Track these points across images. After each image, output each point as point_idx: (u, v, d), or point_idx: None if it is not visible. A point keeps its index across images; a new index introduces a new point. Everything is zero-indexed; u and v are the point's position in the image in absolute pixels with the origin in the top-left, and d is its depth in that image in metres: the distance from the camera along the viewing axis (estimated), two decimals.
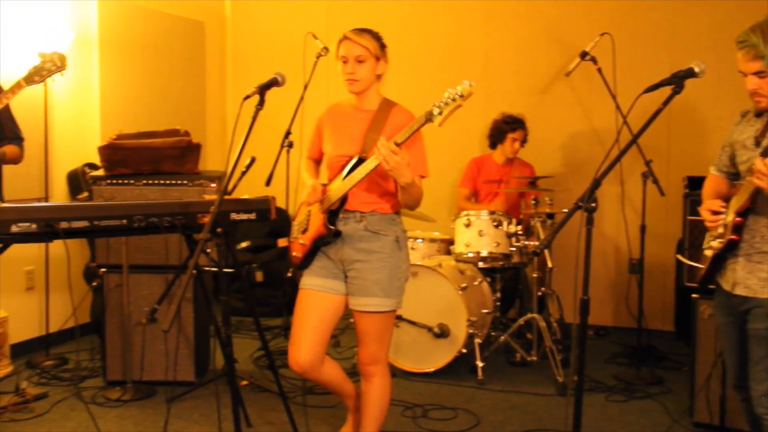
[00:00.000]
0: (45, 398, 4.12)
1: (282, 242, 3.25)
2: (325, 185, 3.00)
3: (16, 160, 3.67)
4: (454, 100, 2.64)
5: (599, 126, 5.59)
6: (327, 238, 2.93)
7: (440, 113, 2.66)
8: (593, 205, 2.42)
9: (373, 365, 2.99)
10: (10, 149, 3.60)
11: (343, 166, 2.92)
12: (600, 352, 5.06)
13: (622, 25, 5.38)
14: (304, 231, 3.05)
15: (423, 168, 2.92)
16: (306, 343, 3.00)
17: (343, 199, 2.90)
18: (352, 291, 2.94)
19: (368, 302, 2.90)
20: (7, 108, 3.55)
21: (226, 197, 2.94)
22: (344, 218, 2.93)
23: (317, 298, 3.01)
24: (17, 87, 3.36)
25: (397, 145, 2.67)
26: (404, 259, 2.97)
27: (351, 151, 2.92)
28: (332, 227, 2.91)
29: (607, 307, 5.66)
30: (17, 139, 3.69)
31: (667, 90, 2.55)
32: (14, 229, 2.67)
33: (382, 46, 2.94)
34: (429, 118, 2.68)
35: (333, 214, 2.93)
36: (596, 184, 2.45)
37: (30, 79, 3.37)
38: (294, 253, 3.09)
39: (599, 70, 4.75)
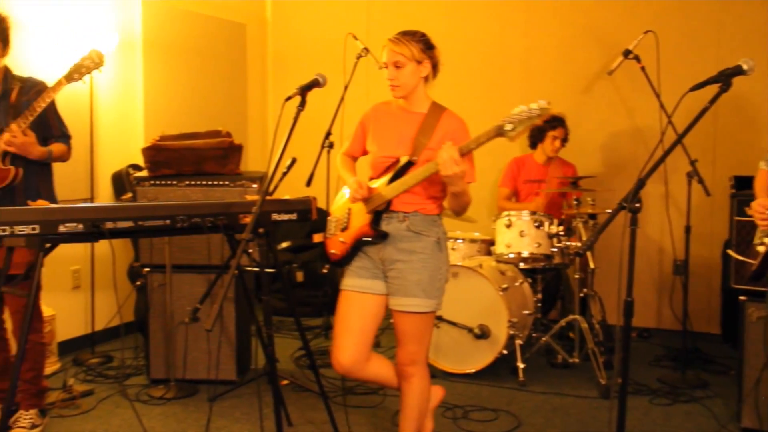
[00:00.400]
0: (91, 395, 4.19)
1: (318, 237, 3.23)
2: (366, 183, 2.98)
3: (63, 157, 3.72)
4: (530, 118, 2.59)
5: (642, 125, 5.51)
6: (374, 240, 2.91)
7: (513, 129, 2.62)
8: (638, 205, 2.39)
9: (411, 366, 2.96)
10: (56, 147, 3.66)
11: (388, 167, 2.91)
12: (644, 355, 4.99)
13: (667, 23, 5.30)
14: (344, 229, 3.03)
15: (472, 174, 2.89)
16: (348, 345, 2.98)
17: (389, 200, 2.89)
18: (393, 291, 2.92)
19: (408, 302, 2.88)
20: (52, 106, 3.60)
21: (268, 198, 2.95)
22: (387, 218, 2.90)
23: (358, 300, 2.99)
24: (58, 85, 3.41)
25: (463, 154, 2.67)
26: (444, 260, 2.95)
27: (398, 152, 2.89)
28: (380, 229, 2.89)
29: (650, 309, 5.57)
30: (64, 137, 3.74)
31: (713, 88, 2.51)
32: (62, 229, 2.71)
33: (426, 48, 2.88)
34: (500, 132, 2.65)
35: (377, 214, 2.91)
36: (640, 184, 2.41)
37: (70, 77, 3.42)
38: (332, 251, 3.08)
39: (643, 68, 4.68)
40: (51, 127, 3.67)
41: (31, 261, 3.00)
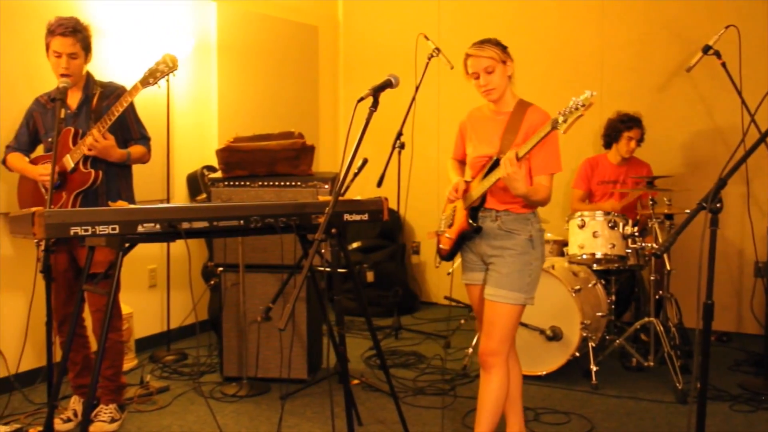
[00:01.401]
0: (167, 391, 4.29)
1: (431, 235, 3.35)
2: (468, 182, 3.13)
3: (142, 159, 3.82)
4: (576, 109, 2.67)
5: (722, 123, 5.34)
6: (469, 234, 3.06)
7: (565, 121, 2.70)
8: (718, 205, 2.32)
9: (493, 356, 3.01)
10: (136, 149, 3.75)
11: (483, 166, 3.04)
12: (723, 359, 4.84)
13: (750, 17, 5.13)
14: (451, 225, 3.19)
15: (553, 165, 3.00)
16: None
17: (484, 197, 3.03)
18: (487, 281, 3.05)
19: (497, 293, 2.98)
20: (131, 109, 3.70)
21: (340, 198, 2.97)
22: (483, 216, 3.06)
23: (479, 293, 3.14)
24: (134, 89, 3.51)
25: (519, 158, 2.80)
26: (537, 256, 3.04)
27: (489, 151, 3.03)
28: (473, 223, 3.03)
29: (730, 312, 5.40)
30: (143, 139, 3.84)
31: None
32: (140, 229, 2.78)
33: (504, 48, 3.02)
34: (554, 126, 2.74)
35: (474, 210, 3.05)
36: (722, 183, 2.34)
37: (145, 81, 3.51)
38: (441, 246, 3.25)
39: (723, 64, 4.53)
40: (130, 130, 3.78)
41: (110, 260, 3.09)
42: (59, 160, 3.54)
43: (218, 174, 4.37)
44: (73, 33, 3.53)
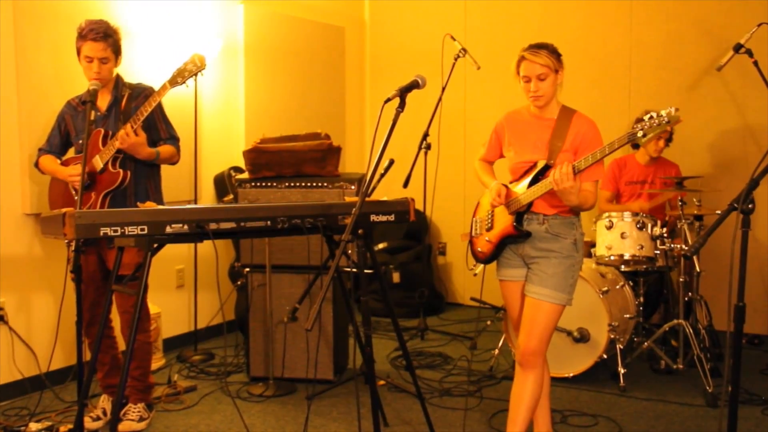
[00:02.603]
0: (194, 391, 4.32)
1: (464, 237, 3.34)
2: (506, 186, 3.11)
3: (171, 159, 3.84)
4: (660, 125, 2.69)
5: (754, 123, 5.27)
6: (517, 239, 3.06)
7: (644, 135, 2.72)
8: (750, 206, 2.29)
9: (533, 355, 3.02)
10: (164, 149, 3.78)
11: (527, 171, 3.05)
12: (755, 363, 4.77)
13: None
14: (489, 229, 3.17)
15: (599, 172, 3.02)
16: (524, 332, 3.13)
17: (530, 203, 3.02)
18: (530, 279, 3.05)
19: (542, 291, 2.99)
20: (159, 110, 3.73)
21: (366, 199, 2.97)
22: (528, 219, 3.05)
23: (515, 289, 3.16)
24: (163, 89, 3.53)
25: (579, 171, 2.82)
26: (579, 260, 3.07)
27: (534, 157, 3.04)
28: (522, 229, 3.03)
29: (762, 315, 5.32)
30: (172, 139, 3.86)
31: None
32: (168, 230, 2.80)
33: (558, 56, 3.03)
34: (632, 139, 2.76)
35: (520, 215, 3.04)
36: (754, 184, 2.32)
37: (174, 80, 3.53)
38: (479, 249, 3.25)
39: (755, 63, 4.47)
40: (158, 130, 3.81)
41: (139, 262, 3.12)
42: (89, 161, 3.59)
43: (245, 175, 4.39)
44: (104, 38, 3.56)
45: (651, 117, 2.69)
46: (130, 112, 3.62)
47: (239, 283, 4.95)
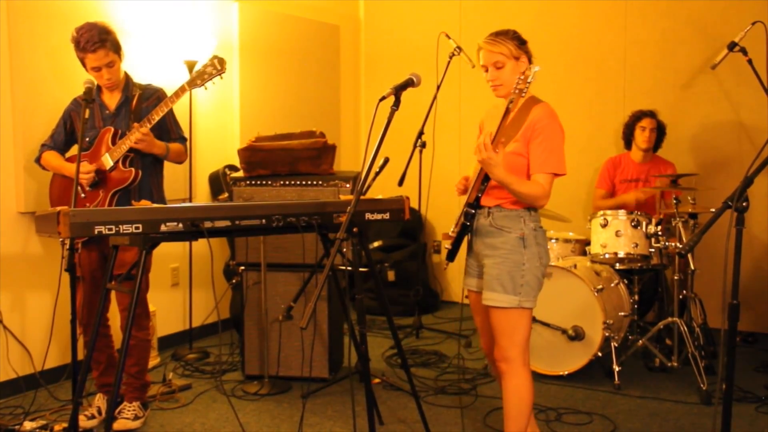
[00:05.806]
0: (189, 389, 4.32)
1: (444, 236, 3.30)
2: (468, 178, 3.06)
3: (179, 157, 3.87)
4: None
5: (748, 121, 5.28)
6: (465, 231, 2.98)
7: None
8: (744, 204, 2.29)
9: (502, 362, 2.94)
10: (174, 146, 3.80)
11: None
12: (748, 360, 4.78)
13: None
14: (456, 224, 3.11)
15: (553, 164, 2.87)
16: (485, 337, 3.16)
17: (475, 195, 2.93)
18: (483, 284, 2.95)
19: (487, 296, 2.91)
20: (170, 111, 3.74)
21: (361, 197, 2.97)
22: (479, 213, 2.97)
23: (476, 300, 3.09)
24: (181, 91, 3.53)
25: (493, 140, 2.71)
26: (530, 257, 2.89)
27: None
28: (461, 221, 2.96)
29: (756, 313, 5.34)
30: (181, 138, 3.90)
31: None
32: (163, 228, 2.80)
33: (520, 44, 2.92)
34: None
35: (471, 207, 2.95)
36: (748, 182, 2.31)
37: (193, 82, 3.53)
38: (445, 246, 3.15)
39: (750, 61, 4.48)
40: (169, 131, 3.83)
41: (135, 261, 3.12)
42: (97, 159, 3.62)
43: (240, 173, 4.40)
44: (102, 44, 3.53)
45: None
46: (141, 112, 3.63)
47: (234, 281, 4.95)
